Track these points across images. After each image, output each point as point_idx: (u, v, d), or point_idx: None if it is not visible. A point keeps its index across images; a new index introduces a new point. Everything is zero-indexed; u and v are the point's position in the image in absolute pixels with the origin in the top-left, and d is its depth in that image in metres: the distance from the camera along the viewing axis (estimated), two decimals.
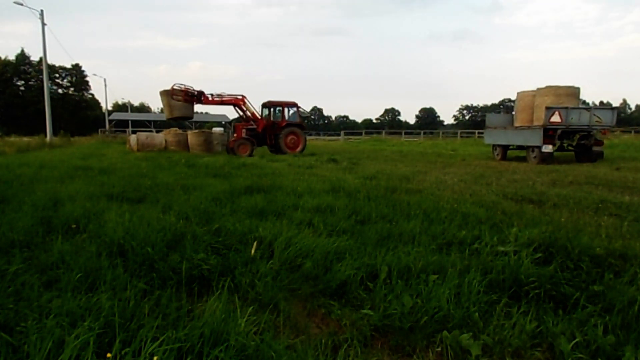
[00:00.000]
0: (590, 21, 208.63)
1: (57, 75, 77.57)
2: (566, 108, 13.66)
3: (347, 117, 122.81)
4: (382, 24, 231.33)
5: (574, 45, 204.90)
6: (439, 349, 2.22)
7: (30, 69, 74.64)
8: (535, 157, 13.98)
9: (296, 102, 19.71)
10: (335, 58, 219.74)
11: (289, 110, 19.62)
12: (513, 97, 16.98)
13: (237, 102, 18.87)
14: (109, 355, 1.87)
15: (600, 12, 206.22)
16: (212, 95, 18.74)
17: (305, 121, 22.18)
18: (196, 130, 22.59)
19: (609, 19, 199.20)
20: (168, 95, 18.19)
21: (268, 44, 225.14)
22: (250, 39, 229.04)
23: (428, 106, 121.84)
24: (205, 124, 55.79)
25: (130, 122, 50.99)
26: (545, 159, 13.61)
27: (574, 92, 14.86)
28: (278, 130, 19.14)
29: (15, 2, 28.53)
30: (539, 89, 15.55)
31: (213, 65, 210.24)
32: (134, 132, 26.52)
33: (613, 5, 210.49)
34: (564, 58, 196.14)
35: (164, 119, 22.33)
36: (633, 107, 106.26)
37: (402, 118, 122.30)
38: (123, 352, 1.92)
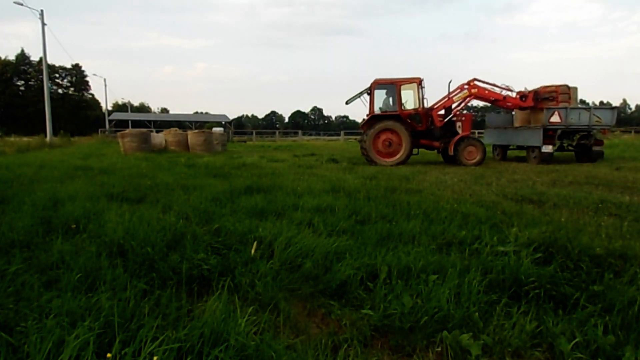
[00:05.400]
0: (595, 21, 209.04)
1: (57, 75, 77.65)
2: (566, 108, 13.66)
3: (347, 117, 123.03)
4: (393, 24, 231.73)
5: (577, 46, 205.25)
6: (439, 349, 2.22)
7: (30, 69, 74.70)
8: (535, 157, 13.98)
9: None
10: (339, 58, 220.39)
11: None
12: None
13: None
14: (109, 355, 1.87)
15: (604, 12, 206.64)
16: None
17: None
18: (196, 130, 22.58)
19: (613, 20, 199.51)
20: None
21: (275, 44, 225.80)
22: (257, 39, 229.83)
23: (428, 106, 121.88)
24: (205, 124, 55.78)
25: (130, 122, 50.99)
26: (545, 159, 13.61)
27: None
28: None
29: (15, 2, 28.55)
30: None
31: (218, 65, 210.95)
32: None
33: (617, 5, 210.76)
34: (565, 58, 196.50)
35: (164, 119, 21.87)
36: (633, 107, 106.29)
37: None
38: (123, 352, 1.92)
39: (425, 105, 13.98)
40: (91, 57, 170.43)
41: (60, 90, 78.02)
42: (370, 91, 13.82)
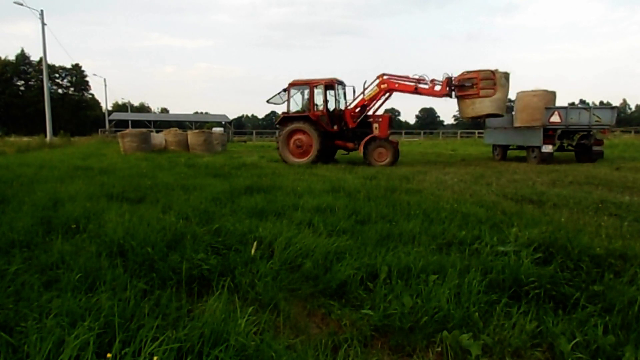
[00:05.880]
0: (595, 21, 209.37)
1: (57, 75, 77.63)
2: (565, 108, 13.68)
3: None
4: (395, 23, 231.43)
5: (577, 46, 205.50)
6: (439, 349, 2.22)
7: (30, 69, 74.68)
8: (535, 157, 13.98)
9: None
10: (340, 58, 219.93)
11: None
12: (513, 97, 17.03)
13: None
14: (109, 355, 1.87)
15: (604, 12, 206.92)
16: None
17: None
18: (196, 130, 22.58)
19: (614, 20, 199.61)
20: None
21: (276, 44, 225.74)
22: (258, 39, 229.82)
23: (428, 106, 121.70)
24: (205, 124, 55.77)
25: (130, 122, 51.00)
26: (545, 159, 13.61)
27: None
28: None
29: (15, 2, 28.55)
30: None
31: (219, 65, 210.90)
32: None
33: (617, 5, 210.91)
34: (565, 58, 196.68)
35: (164, 119, 21.72)
36: (633, 107, 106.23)
37: (402, 118, 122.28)
38: (123, 352, 1.91)
39: (342, 107, 14.07)
40: (91, 57, 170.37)
41: (60, 90, 78.01)
42: (287, 91, 14.04)
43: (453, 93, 13.08)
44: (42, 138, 29.86)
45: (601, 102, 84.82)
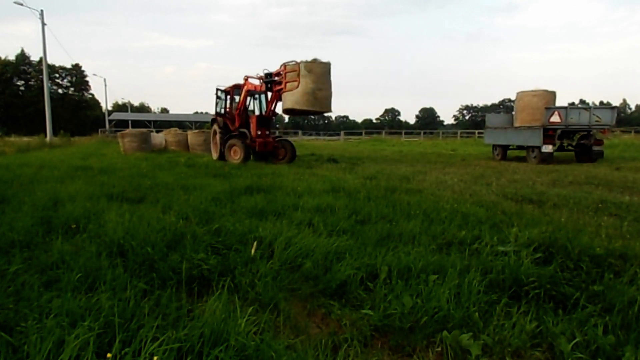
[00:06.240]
0: (595, 21, 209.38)
1: (57, 75, 77.66)
2: (565, 108, 13.69)
3: (347, 117, 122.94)
4: (395, 24, 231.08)
5: (577, 46, 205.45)
6: (439, 349, 2.22)
7: (30, 69, 74.71)
8: (535, 157, 13.99)
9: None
10: (340, 58, 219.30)
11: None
12: (513, 97, 17.05)
13: None
14: (109, 355, 1.87)
15: (604, 12, 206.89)
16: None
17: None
18: (196, 130, 22.59)
19: (614, 20, 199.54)
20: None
21: (277, 44, 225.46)
22: (258, 39, 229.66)
23: (428, 106, 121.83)
24: (205, 124, 55.78)
25: (130, 122, 51.04)
26: (545, 159, 13.61)
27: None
28: None
29: (15, 2, 28.55)
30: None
31: (220, 65, 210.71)
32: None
33: (618, 5, 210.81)
34: (565, 58, 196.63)
35: (164, 119, 21.86)
36: (633, 107, 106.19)
37: (402, 118, 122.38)
38: (123, 352, 1.92)
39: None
40: (91, 57, 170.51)
41: (60, 90, 78.05)
42: (217, 96, 15.27)
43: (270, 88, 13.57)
44: (42, 138, 29.89)
45: (601, 102, 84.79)
